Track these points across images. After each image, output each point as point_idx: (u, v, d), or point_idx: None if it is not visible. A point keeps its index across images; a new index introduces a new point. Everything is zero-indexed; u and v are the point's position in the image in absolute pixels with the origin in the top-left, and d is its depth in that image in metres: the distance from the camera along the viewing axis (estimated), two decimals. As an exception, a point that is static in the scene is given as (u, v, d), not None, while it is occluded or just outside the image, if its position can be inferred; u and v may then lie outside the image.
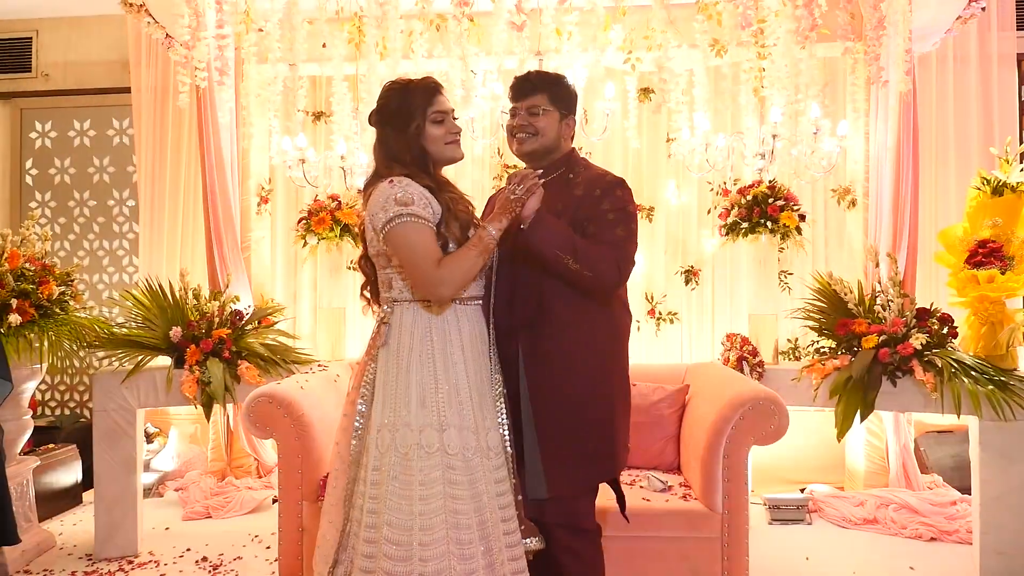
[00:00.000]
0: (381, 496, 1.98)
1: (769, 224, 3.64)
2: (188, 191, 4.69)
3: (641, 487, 3.00)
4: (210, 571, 3.26)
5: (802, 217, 3.67)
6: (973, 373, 3.09)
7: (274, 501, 3.91)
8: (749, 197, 3.69)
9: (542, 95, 2.24)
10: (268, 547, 3.51)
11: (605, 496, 2.32)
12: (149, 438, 4.42)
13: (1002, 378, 3.06)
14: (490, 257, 2.08)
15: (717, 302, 4.48)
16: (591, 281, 2.11)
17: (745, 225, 3.69)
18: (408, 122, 2.08)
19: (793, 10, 3.56)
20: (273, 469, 4.34)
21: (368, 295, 2.25)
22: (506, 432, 2.12)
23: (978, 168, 3.62)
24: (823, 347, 3.52)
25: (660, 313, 4.48)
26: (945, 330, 3.24)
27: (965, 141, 4.34)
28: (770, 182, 3.72)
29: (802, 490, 4.08)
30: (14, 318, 3.15)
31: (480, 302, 2.17)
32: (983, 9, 3.90)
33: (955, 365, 3.11)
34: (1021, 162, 3.36)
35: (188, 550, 3.49)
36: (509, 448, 2.12)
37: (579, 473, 2.17)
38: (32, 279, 3.28)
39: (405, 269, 2.04)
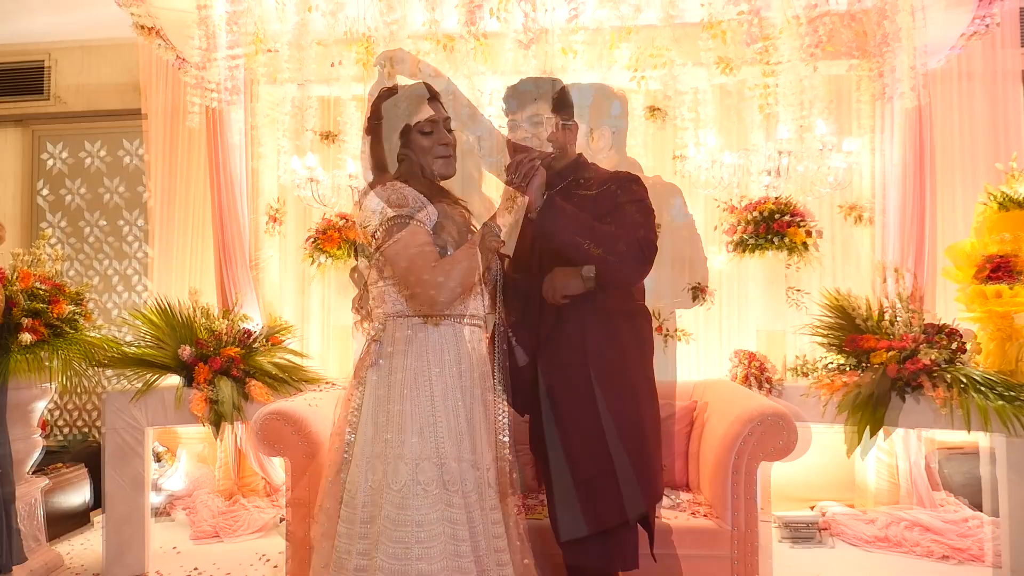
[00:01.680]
0: (372, 536, 1.78)
1: (776, 240, 3.64)
2: (199, 211, 4.73)
3: (651, 504, 2.97)
4: (218, 590, 3.26)
5: (808, 233, 3.67)
6: (982, 388, 3.07)
7: (282, 520, 3.90)
8: (756, 213, 3.70)
9: (543, 104, 2.13)
10: (276, 567, 3.49)
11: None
12: (158, 458, 4.43)
13: (1011, 393, 3.04)
14: (493, 257, 1.88)
15: (726, 319, 4.47)
16: (616, 267, 1.93)
17: (752, 241, 3.69)
18: (391, 132, 1.92)
19: (798, 28, 3.59)
20: (281, 488, 4.33)
21: (360, 310, 2.06)
22: (507, 457, 1.93)
23: (985, 183, 3.62)
24: (832, 363, 3.50)
25: (668, 330, 4.47)
26: (954, 345, 3.23)
27: (972, 157, 4.35)
28: (777, 198, 3.73)
29: (812, 508, 4.05)
30: (26, 337, 3.16)
31: (481, 322, 2.00)
32: (988, 27, 3.92)
33: (964, 380, 3.09)
34: (1028, 177, 3.37)
35: (196, 570, 3.49)
36: (512, 473, 1.92)
37: (619, 502, 1.94)
38: (44, 298, 3.30)
39: (399, 275, 1.85)
